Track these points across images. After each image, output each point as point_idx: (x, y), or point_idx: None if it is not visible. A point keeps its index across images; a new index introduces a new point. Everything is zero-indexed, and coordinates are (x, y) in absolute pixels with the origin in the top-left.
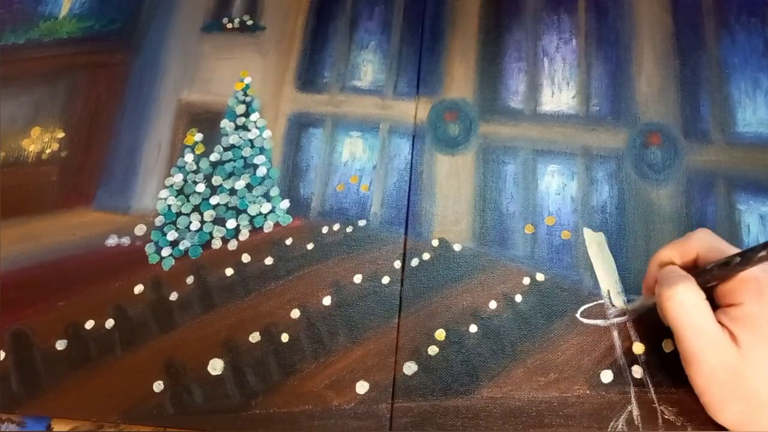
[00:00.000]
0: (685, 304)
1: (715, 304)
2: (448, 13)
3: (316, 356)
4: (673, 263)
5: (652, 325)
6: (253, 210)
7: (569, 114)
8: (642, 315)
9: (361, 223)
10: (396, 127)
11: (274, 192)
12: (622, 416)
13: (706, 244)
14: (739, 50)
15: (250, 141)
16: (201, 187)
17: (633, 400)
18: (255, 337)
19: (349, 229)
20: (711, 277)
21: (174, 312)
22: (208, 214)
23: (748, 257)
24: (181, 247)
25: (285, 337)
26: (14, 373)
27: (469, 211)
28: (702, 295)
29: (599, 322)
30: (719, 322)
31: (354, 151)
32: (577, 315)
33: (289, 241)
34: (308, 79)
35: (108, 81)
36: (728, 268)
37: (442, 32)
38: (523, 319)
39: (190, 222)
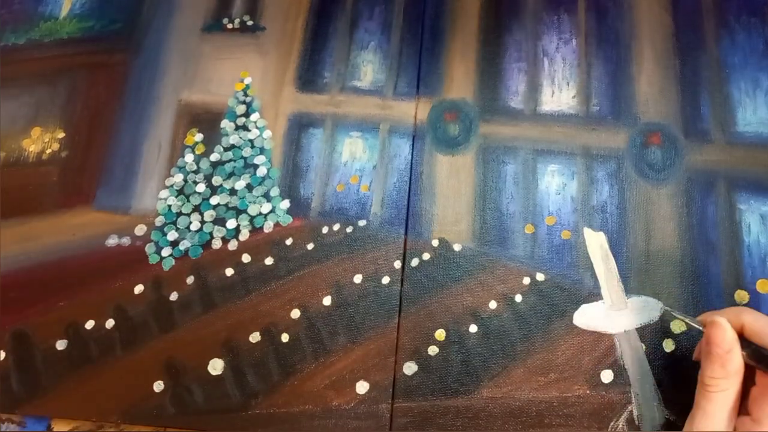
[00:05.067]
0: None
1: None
2: (448, 13)
3: (316, 356)
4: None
5: (652, 324)
6: (253, 210)
7: (569, 114)
8: (642, 314)
9: (361, 223)
10: (396, 127)
11: (275, 192)
12: (623, 416)
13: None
14: (739, 50)
15: (251, 141)
16: (201, 187)
17: (633, 399)
18: (255, 337)
19: (349, 229)
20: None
21: (174, 312)
22: (209, 214)
23: None
24: (182, 247)
25: (285, 337)
26: (14, 373)
27: (469, 211)
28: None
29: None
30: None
31: (354, 151)
32: (576, 320)
33: (289, 241)
34: (308, 79)
35: (108, 81)
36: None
37: (442, 32)
38: (523, 319)
39: (191, 222)
